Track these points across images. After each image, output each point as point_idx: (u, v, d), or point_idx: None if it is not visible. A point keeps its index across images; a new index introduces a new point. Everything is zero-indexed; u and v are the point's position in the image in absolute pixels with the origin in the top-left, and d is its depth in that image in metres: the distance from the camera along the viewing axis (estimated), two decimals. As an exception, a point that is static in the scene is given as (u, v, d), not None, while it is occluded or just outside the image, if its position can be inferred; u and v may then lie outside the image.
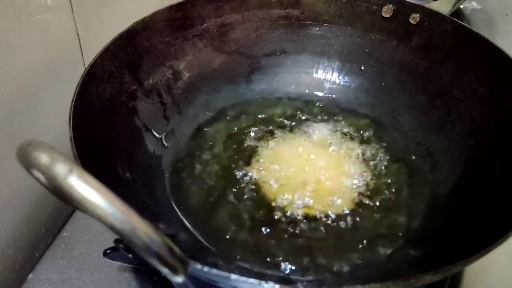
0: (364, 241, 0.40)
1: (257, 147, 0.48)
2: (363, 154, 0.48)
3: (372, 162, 0.47)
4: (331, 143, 0.49)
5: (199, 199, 0.43)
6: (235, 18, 0.54)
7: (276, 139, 0.49)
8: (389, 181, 0.45)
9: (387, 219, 0.41)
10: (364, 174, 0.46)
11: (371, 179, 0.45)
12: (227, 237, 0.40)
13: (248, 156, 0.47)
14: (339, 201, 0.42)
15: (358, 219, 0.41)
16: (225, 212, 0.42)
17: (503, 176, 0.38)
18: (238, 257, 0.38)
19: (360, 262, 0.38)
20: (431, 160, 0.47)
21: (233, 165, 0.46)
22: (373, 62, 0.55)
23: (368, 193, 0.44)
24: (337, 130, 0.51)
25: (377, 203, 0.43)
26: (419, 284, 0.27)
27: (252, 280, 0.25)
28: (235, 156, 0.47)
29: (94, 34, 0.47)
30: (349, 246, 0.39)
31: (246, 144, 0.49)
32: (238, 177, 0.45)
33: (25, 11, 0.38)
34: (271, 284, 0.25)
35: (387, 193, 0.44)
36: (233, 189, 0.44)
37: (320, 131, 0.50)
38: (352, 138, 0.50)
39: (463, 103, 0.46)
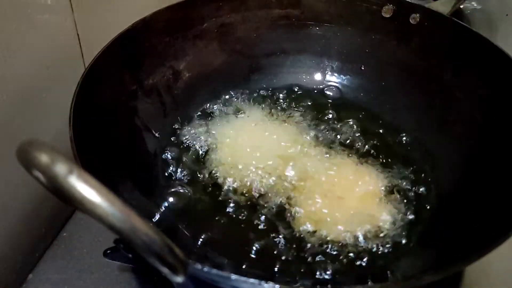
0: (365, 242, 0.40)
1: (256, 147, 0.48)
2: (363, 154, 0.48)
3: (371, 163, 0.47)
4: (330, 143, 0.49)
5: (198, 200, 0.43)
6: (235, 18, 0.54)
7: (276, 139, 0.49)
8: (389, 181, 0.45)
9: (386, 220, 0.41)
10: (364, 175, 0.46)
11: (371, 180, 0.45)
12: (225, 237, 0.40)
13: (246, 157, 0.47)
14: (337, 204, 0.42)
15: (359, 220, 0.41)
16: (224, 213, 0.42)
17: (503, 176, 0.38)
18: (235, 257, 0.38)
19: (362, 263, 0.38)
20: (431, 160, 0.47)
21: (232, 166, 0.46)
22: (373, 62, 0.55)
23: (368, 194, 0.44)
24: (336, 130, 0.51)
25: (377, 204, 0.43)
26: (419, 284, 0.27)
27: (252, 280, 0.25)
28: (234, 157, 0.47)
29: (94, 34, 0.47)
30: (352, 249, 0.39)
31: (245, 145, 0.48)
32: (236, 179, 0.45)
33: (25, 11, 0.38)
34: (271, 284, 0.25)
35: (387, 193, 0.44)
36: (232, 191, 0.44)
37: (320, 131, 0.50)
38: (352, 138, 0.50)
39: (463, 103, 0.46)
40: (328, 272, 0.37)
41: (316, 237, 0.40)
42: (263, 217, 0.41)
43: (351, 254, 0.39)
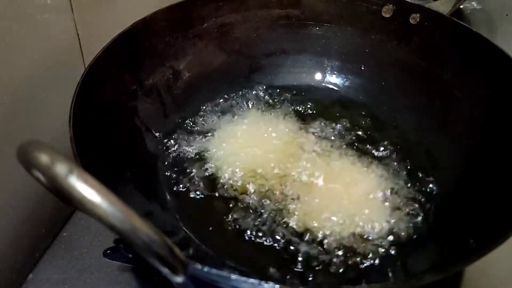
0: (364, 242, 0.40)
1: (256, 147, 0.48)
2: (363, 154, 0.48)
3: (371, 163, 0.47)
4: (329, 142, 0.49)
5: (198, 200, 0.43)
6: (235, 18, 0.54)
7: (275, 139, 0.49)
8: (388, 181, 0.45)
9: (387, 220, 0.41)
10: (364, 174, 0.46)
11: (370, 180, 0.45)
12: (224, 238, 0.40)
13: (245, 157, 0.47)
14: (337, 205, 0.42)
15: (359, 221, 0.41)
16: (223, 212, 0.42)
17: (503, 176, 0.38)
18: (234, 258, 0.38)
19: (361, 263, 0.38)
20: (431, 160, 0.47)
21: (232, 166, 0.46)
22: (373, 62, 0.55)
23: (368, 193, 0.44)
24: (336, 130, 0.50)
25: (377, 204, 0.43)
26: (419, 284, 0.27)
27: (252, 280, 0.25)
28: (234, 157, 0.47)
29: (94, 34, 0.47)
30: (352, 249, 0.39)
31: (244, 145, 0.48)
32: (236, 178, 0.45)
33: (25, 11, 0.38)
34: (271, 284, 0.25)
35: (387, 193, 0.44)
36: (232, 190, 0.44)
37: (320, 131, 0.50)
38: (352, 138, 0.50)
39: (463, 103, 0.46)
40: (327, 272, 0.37)
41: (314, 236, 0.40)
42: (261, 216, 0.41)
43: (350, 254, 0.39)
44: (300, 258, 0.38)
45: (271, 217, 0.41)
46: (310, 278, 0.37)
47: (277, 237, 0.40)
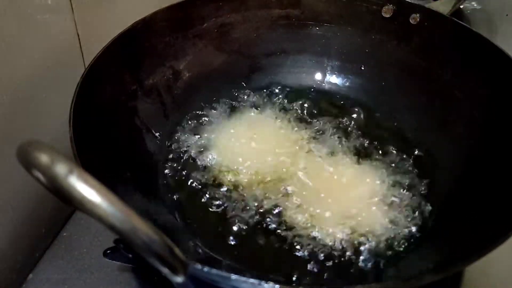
0: (364, 242, 0.40)
1: (255, 146, 0.48)
2: (362, 154, 0.48)
3: (371, 163, 0.47)
4: (329, 142, 0.49)
5: (198, 200, 0.43)
6: (235, 18, 0.54)
7: (275, 139, 0.49)
8: (388, 181, 0.45)
9: (387, 220, 0.41)
10: (364, 175, 0.46)
11: (370, 180, 0.45)
12: (224, 238, 0.40)
13: (245, 157, 0.47)
14: (337, 204, 0.42)
15: (358, 220, 0.41)
16: (223, 212, 0.42)
17: (503, 176, 0.38)
18: (234, 258, 0.39)
19: (361, 263, 0.38)
20: (431, 160, 0.47)
21: (231, 166, 0.46)
22: (373, 62, 0.55)
23: (368, 193, 0.44)
24: (336, 131, 0.50)
25: (377, 204, 0.43)
26: (419, 284, 0.27)
27: (252, 280, 0.25)
28: (234, 157, 0.47)
29: (94, 34, 0.47)
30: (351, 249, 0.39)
31: (244, 144, 0.49)
32: (235, 178, 0.45)
33: (25, 11, 0.38)
34: (271, 284, 0.25)
35: (387, 193, 0.44)
36: (231, 190, 0.44)
37: (319, 131, 0.50)
38: (351, 138, 0.50)
39: (463, 103, 0.46)
40: (326, 272, 0.38)
41: (314, 236, 0.40)
42: (262, 216, 0.41)
43: (349, 253, 0.39)
44: (300, 258, 0.38)
45: (271, 217, 0.41)
46: (309, 278, 0.37)
47: (277, 237, 0.40)
